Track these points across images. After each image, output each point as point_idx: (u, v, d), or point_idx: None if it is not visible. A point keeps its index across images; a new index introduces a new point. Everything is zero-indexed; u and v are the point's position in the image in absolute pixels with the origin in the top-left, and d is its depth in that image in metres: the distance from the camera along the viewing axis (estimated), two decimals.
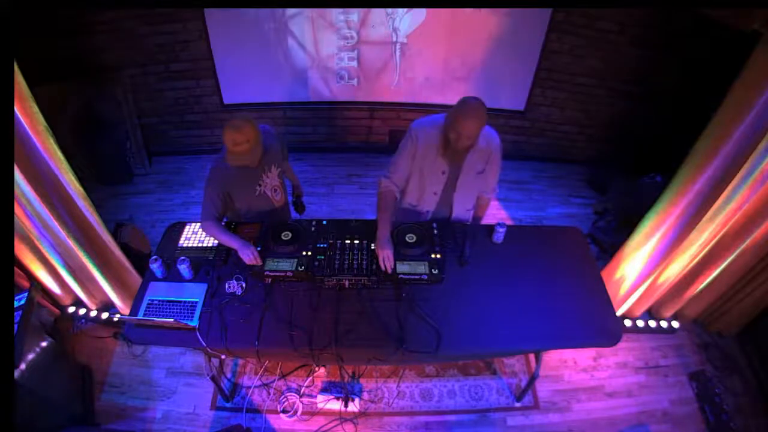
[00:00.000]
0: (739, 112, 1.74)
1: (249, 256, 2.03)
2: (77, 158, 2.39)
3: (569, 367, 2.70)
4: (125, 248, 2.68)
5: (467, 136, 1.87)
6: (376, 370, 2.63)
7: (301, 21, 3.39)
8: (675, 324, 2.81)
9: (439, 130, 1.98)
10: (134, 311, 1.98)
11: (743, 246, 2.22)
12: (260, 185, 2.18)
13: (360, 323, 1.92)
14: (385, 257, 1.98)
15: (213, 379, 2.22)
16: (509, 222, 3.55)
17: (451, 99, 3.80)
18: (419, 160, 2.09)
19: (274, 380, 2.58)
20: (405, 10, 3.31)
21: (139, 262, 2.72)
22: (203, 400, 2.53)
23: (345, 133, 4.14)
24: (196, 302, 1.98)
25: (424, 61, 3.59)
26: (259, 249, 2.10)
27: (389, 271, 1.99)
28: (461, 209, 2.27)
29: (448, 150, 1.98)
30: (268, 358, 2.51)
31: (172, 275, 2.10)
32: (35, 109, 1.83)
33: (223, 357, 2.57)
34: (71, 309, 2.81)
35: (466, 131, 1.85)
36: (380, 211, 2.11)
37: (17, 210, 2.06)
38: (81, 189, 2.19)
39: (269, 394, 2.54)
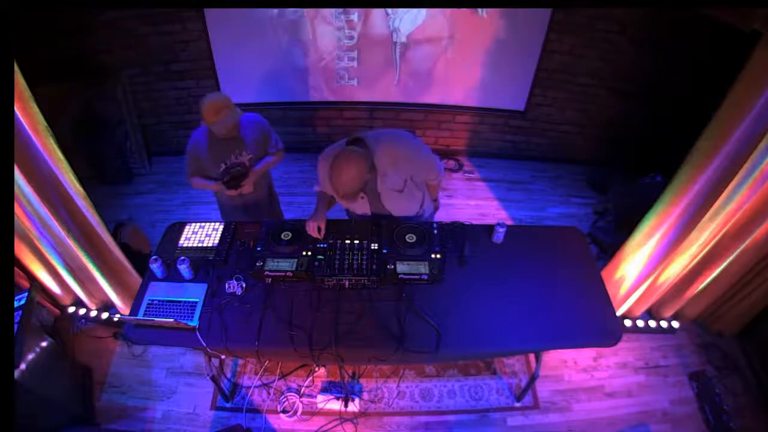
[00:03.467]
0: (739, 112, 1.74)
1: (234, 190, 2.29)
2: (77, 158, 2.38)
3: (569, 367, 2.70)
4: (125, 248, 2.68)
5: (344, 190, 1.82)
6: (376, 370, 2.63)
7: (301, 21, 3.39)
8: (675, 324, 2.81)
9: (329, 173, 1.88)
10: (134, 311, 1.98)
11: (743, 246, 2.22)
12: (225, 164, 2.27)
13: (360, 323, 1.92)
14: (311, 228, 2.09)
15: (213, 379, 2.22)
16: (509, 222, 3.55)
17: (451, 99, 3.83)
18: (331, 192, 2.06)
19: (274, 380, 2.58)
20: (405, 10, 3.31)
21: (139, 262, 2.72)
22: (203, 400, 2.53)
23: (345, 133, 4.12)
24: (196, 302, 1.99)
25: (424, 61, 3.59)
26: (259, 249, 2.11)
27: (316, 234, 2.10)
28: (404, 214, 2.24)
29: (340, 195, 1.89)
30: (268, 358, 2.51)
31: (172, 275, 2.11)
32: (35, 109, 1.83)
33: (223, 357, 2.57)
34: (71, 309, 2.81)
35: (340, 187, 1.81)
36: (317, 201, 2.23)
37: (17, 210, 2.06)
38: (81, 189, 2.19)
39: (269, 394, 2.54)
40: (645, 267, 2.41)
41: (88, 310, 2.81)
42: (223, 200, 2.56)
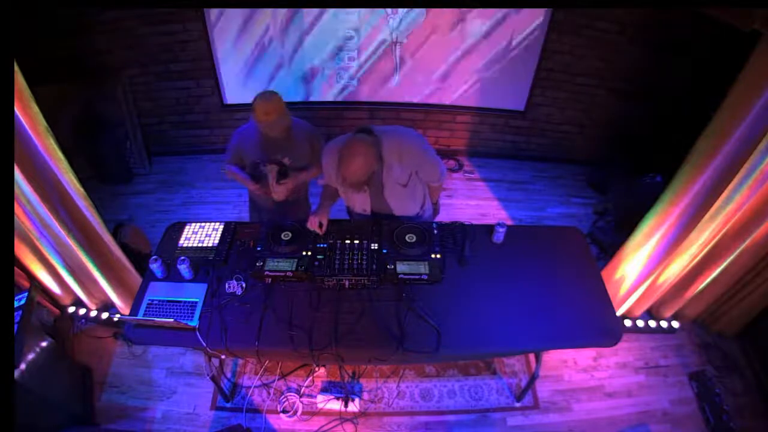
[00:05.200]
0: (739, 112, 1.74)
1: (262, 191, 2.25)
2: (77, 158, 2.39)
3: (569, 367, 2.70)
4: (125, 248, 2.67)
5: (351, 179, 1.84)
6: (376, 370, 2.63)
7: (301, 21, 3.39)
8: (675, 324, 2.81)
9: (336, 162, 1.90)
10: (134, 311, 1.98)
11: (743, 246, 2.22)
12: (265, 165, 2.23)
13: (360, 323, 1.92)
14: (312, 223, 2.11)
15: (213, 379, 2.22)
16: (509, 222, 3.55)
17: (451, 99, 3.84)
18: (335, 184, 2.11)
19: (274, 380, 2.58)
20: (405, 9, 3.31)
21: (139, 262, 2.72)
22: (203, 400, 2.53)
23: (345, 133, 4.14)
24: (196, 302, 1.99)
25: (423, 60, 3.59)
26: (259, 249, 2.11)
27: (317, 230, 2.12)
28: (405, 213, 2.24)
29: (346, 184, 1.92)
30: (268, 358, 2.51)
31: (172, 275, 2.11)
32: (35, 109, 1.83)
33: (223, 357, 2.57)
34: (71, 309, 2.81)
35: (348, 176, 1.83)
36: (321, 195, 2.23)
37: (17, 210, 2.06)
38: (81, 189, 2.19)
39: (269, 394, 2.54)
40: (645, 267, 2.42)
41: (88, 310, 2.81)
42: (257, 198, 2.48)
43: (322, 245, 2.11)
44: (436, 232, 2.17)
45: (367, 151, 1.81)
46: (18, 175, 1.88)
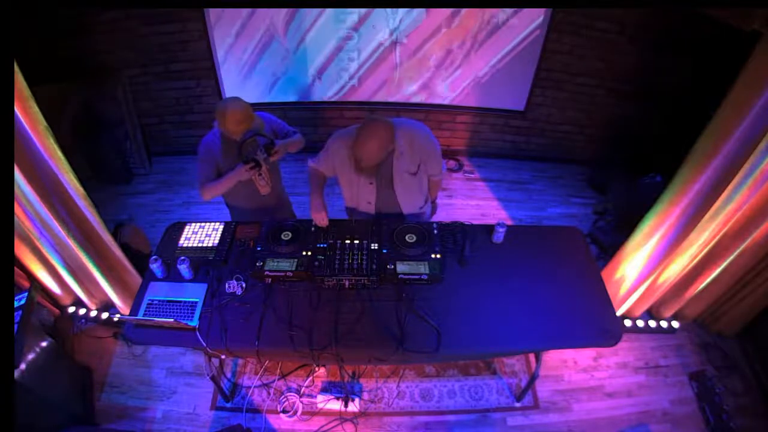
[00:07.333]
0: (739, 112, 1.74)
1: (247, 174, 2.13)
2: (77, 158, 2.39)
3: (569, 367, 2.70)
4: (125, 248, 2.67)
5: (368, 159, 1.86)
6: (376, 370, 2.63)
7: (301, 21, 3.39)
8: (675, 324, 2.81)
9: (349, 147, 1.94)
10: (134, 311, 1.98)
11: (743, 246, 2.22)
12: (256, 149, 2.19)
13: (360, 323, 1.92)
14: (320, 219, 2.14)
15: (213, 379, 2.22)
16: (509, 222, 3.55)
17: (451, 99, 3.84)
18: (339, 172, 2.12)
19: (274, 380, 2.58)
20: (405, 9, 3.32)
21: (139, 262, 2.72)
22: (203, 400, 2.53)
23: None
24: (196, 302, 1.99)
25: (424, 61, 3.59)
26: (259, 249, 2.10)
27: (324, 226, 2.15)
28: (411, 207, 2.26)
29: (360, 167, 1.95)
30: (268, 358, 2.51)
31: (172, 275, 2.11)
32: (35, 109, 1.83)
33: (223, 357, 2.57)
34: (71, 309, 2.81)
35: (365, 155, 1.85)
36: (311, 184, 2.23)
37: (17, 210, 2.06)
38: (81, 189, 2.19)
39: (269, 394, 2.54)
40: (645, 267, 2.41)
41: (88, 310, 2.81)
42: (236, 205, 2.46)
43: (322, 245, 2.11)
44: (436, 232, 2.17)
45: (384, 131, 1.83)
46: (18, 175, 1.88)
